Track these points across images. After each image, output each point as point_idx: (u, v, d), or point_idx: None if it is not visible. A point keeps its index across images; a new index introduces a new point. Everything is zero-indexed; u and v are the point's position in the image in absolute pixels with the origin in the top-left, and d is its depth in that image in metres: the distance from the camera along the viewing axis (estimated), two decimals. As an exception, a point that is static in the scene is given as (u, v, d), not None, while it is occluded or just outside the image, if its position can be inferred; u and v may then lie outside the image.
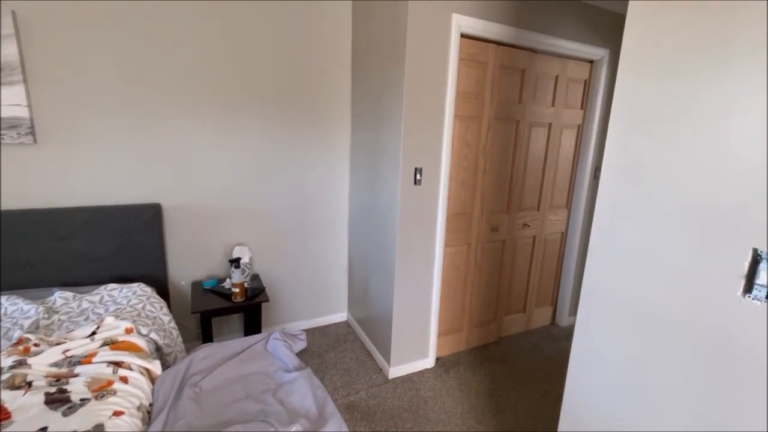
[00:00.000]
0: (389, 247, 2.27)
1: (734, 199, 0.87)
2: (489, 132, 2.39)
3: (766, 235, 0.82)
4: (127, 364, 1.43)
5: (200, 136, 2.31)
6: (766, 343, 0.83)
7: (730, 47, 0.87)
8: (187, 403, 1.35)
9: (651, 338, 1.06)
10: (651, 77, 1.04)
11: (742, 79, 0.85)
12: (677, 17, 0.97)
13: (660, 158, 1.02)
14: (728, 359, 0.89)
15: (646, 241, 1.06)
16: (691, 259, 0.95)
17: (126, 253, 2.15)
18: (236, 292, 2.21)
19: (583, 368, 1.29)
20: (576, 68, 2.66)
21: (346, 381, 2.32)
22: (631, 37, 1.08)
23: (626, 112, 1.10)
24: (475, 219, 2.48)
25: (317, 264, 2.87)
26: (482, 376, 2.43)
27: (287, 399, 1.41)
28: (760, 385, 0.84)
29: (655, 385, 1.06)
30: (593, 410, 1.26)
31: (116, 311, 1.76)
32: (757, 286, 0.83)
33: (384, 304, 2.39)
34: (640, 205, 1.08)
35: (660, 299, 1.03)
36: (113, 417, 1.19)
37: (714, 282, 0.91)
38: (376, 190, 2.40)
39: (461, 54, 2.16)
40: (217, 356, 1.61)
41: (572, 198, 2.94)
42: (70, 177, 2.04)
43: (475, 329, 2.71)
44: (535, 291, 2.97)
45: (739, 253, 0.86)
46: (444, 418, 2.06)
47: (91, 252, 2.07)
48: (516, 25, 2.24)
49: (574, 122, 2.78)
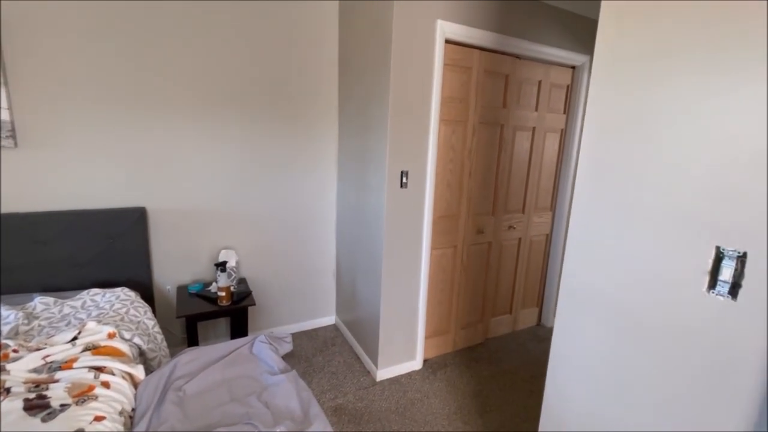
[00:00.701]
0: (376, 250, 2.29)
1: (698, 200, 0.91)
2: (474, 136, 2.43)
3: (728, 233, 0.86)
4: (109, 369, 1.41)
5: (186, 140, 2.30)
6: (728, 336, 0.87)
7: (693, 54, 0.91)
8: (171, 408, 1.34)
9: (625, 335, 1.10)
10: (619, 84, 1.08)
11: (704, 86, 0.90)
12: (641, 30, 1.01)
13: (628, 161, 1.06)
14: (695, 353, 0.93)
15: (618, 241, 1.10)
16: (660, 257, 0.99)
17: (109, 257, 2.12)
18: (222, 296, 2.19)
19: (562, 367, 1.32)
20: (559, 74, 2.72)
21: (333, 384, 2.32)
22: (601, 46, 1.13)
23: (597, 117, 1.15)
24: (461, 221, 2.52)
25: (305, 267, 2.86)
26: (469, 377, 2.45)
27: (272, 401, 1.41)
28: (725, 376, 0.88)
29: (629, 380, 1.09)
30: (572, 408, 1.29)
31: (99, 316, 1.74)
32: (721, 282, 0.87)
33: (371, 307, 2.40)
34: (611, 207, 1.11)
35: (632, 297, 1.07)
36: (94, 422, 1.17)
37: (681, 279, 0.95)
38: (363, 194, 2.42)
39: (446, 59, 2.20)
40: (202, 360, 1.60)
41: (556, 200, 3.00)
42: (52, 180, 2.02)
43: (462, 331, 2.74)
44: (521, 292, 3.01)
45: (703, 251, 0.90)
46: (431, 419, 2.07)
47: (74, 256, 2.04)
48: (499, 32, 2.29)
49: (558, 126, 2.84)
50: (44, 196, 2.01)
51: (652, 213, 1.01)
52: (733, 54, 0.84)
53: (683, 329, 0.95)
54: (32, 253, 1.95)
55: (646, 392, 1.05)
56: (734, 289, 0.85)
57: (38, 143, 1.96)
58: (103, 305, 1.84)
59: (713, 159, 0.88)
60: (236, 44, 2.34)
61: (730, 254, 0.86)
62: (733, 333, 0.86)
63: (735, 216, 0.85)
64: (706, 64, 0.89)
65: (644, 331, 1.05)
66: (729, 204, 0.86)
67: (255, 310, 2.72)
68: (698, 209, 0.91)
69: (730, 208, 0.85)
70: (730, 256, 0.85)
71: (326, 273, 2.97)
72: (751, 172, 0.82)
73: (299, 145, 2.66)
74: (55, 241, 1.99)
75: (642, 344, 1.05)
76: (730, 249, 0.86)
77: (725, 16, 0.85)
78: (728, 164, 0.86)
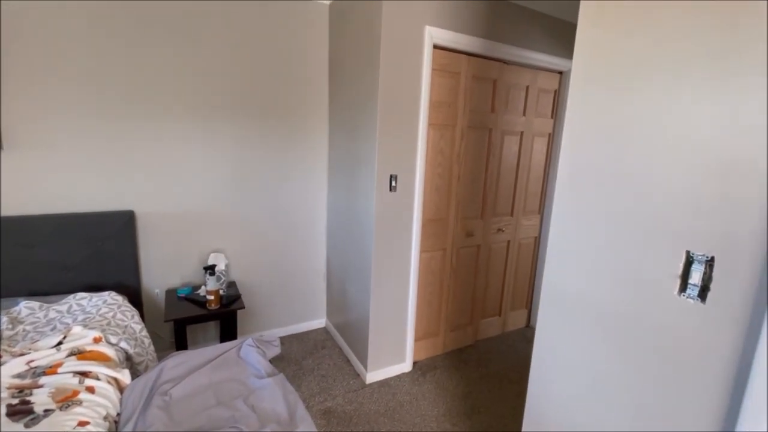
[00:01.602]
0: (366, 253, 2.30)
1: (667, 204, 0.94)
2: (463, 140, 2.46)
3: (698, 238, 0.89)
4: (94, 374, 1.41)
5: (176, 143, 2.30)
6: (697, 338, 0.90)
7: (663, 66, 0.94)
8: (156, 412, 1.34)
9: (602, 337, 1.12)
10: (595, 92, 1.11)
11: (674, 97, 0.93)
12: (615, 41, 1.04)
13: (604, 168, 1.09)
14: (668, 354, 0.96)
15: (595, 245, 1.13)
16: (635, 261, 1.02)
17: (97, 261, 2.11)
18: (211, 300, 2.19)
19: (544, 368, 1.34)
20: (546, 79, 2.77)
21: (323, 387, 2.32)
22: (578, 56, 1.16)
23: (575, 123, 1.18)
24: (450, 224, 2.54)
25: (295, 270, 2.87)
26: (458, 379, 2.47)
27: (259, 405, 1.42)
28: (695, 376, 0.90)
29: (606, 381, 1.12)
30: (554, 407, 1.31)
31: (85, 320, 1.73)
32: (691, 286, 0.90)
33: (361, 310, 2.41)
34: (589, 212, 1.14)
35: (609, 300, 1.10)
36: (78, 427, 1.17)
37: (655, 283, 0.98)
38: (353, 197, 2.43)
39: (434, 64, 2.22)
40: (189, 364, 1.60)
41: (544, 203, 3.04)
42: (38, 183, 2.00)
43: (452, 333, 2.76)
44: (510, 294, 3.04)
45: (675, 256, 0.93)
46: (419, 422, 2.09)
47: (60, 260, 2.03)
48: (487, 38, 2.32)
49: (545, 131, 2.88)
50: (31, 200, 2.00)
51: (627, 218, 1.04)
52: (701, 66, 0.87)
53: (656, 331, 0.98)
54: (18, 256, 1.93)
55: (621, 392, 1.08)
56: (703, 292, 0.88)
57: (25, 146, 1.95)
58: (90, 309, 1.83)
59: (684, 167, 0.91)
60: (226, 48, 2.35)
61: (699, 258, 0.88)
62: (701, 335, 0.89)
63: (704, 221, 0.88)
64: (676, 75, 0.92)
65: (620, 332, 1.07)
66: (699, 209, 0.89)
67: (245, 314, 2.72)
68: (670, 215, 0.94)
69: (700, 214, 0.88)
70: (700, 260, 0.88)
71: (317, 276, 2.97)
72: (719, 179, 0.85)
73: (290, 148, 2.67)
74: (42, 244, 1.98)
75: (617, 346, 1.08)
76: (700, 253, 0.88)
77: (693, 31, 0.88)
78: (698, 172, 0.89)
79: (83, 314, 1.80)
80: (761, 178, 0.78)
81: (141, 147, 2.21)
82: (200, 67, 2.30)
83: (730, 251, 0.83)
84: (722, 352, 0.85)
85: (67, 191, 2.07)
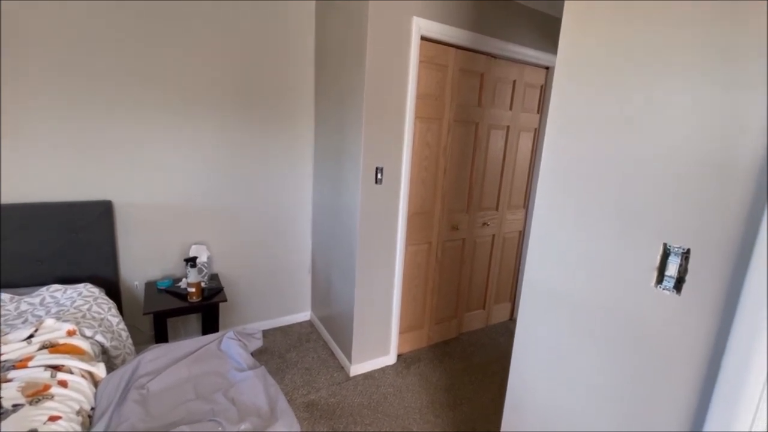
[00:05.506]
0: (351, 246, 2.29)
1: (646, 198, 0.95)
2: (449, 133, 2.45)
3: (675, 230, 0.90)
4: (67, 368, 1.36)
5: (156, 133, 2.23)
6: (672, 330, 0.91)
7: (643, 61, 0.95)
8: (132, 406, 1.30)
9: (580, 329, 1.14)
10: (577, 86, 1.11)
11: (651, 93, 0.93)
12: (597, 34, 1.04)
13: (584, 162, 1.10)
14: (643, 346, 0.98)
15: (575, 238, 1.14)
16: (612, 253, 1.03)
17: (72, 252, 2.04)
18: (192, 292, 2.15)
19: (524, 360, 1.36)
20: (533, 74, 2.78)
21: (306, 380, 2.31)
22: (562, 51, 1.16)
23: (556, 118, 1.18)
24: (435, 218, 2.54)
25: (280, 263, 2.84)
26: (442, 372, 2.49)
27: (239, 398, 1.39)
28: (669, 368, 0.92)
29: (583, 372, 1.14)
30: (533, 398, 1.33)
31: (58, 313, 1.68)
32: (667, 278, 0.91)
33: (346, 303, 2.40)
34: (569, 205, 1.15)
35: (587, 292, 1.11)
36: (48, 422, 1.13)
37: (632, 274, 0.99)
38: (339, 190, 2.41)
39: (422, 56, 2.21)
40: (168, 357, 1.56)
41: (529, 198, 3.07)
42: (9, 172, 1.92)
43: (436, 326, 2.78)
44: (494, 288, 3.07)
45: (652, 248, 0.94)
46: (403, 414, 2.10)
47: (33, 251, 1.96)
48: (475, 30, 2.31)
49: (531, 125, 2.90)
50: (2, 188, 1.91)
51: (606, 212, 1.05)
52: (680, 64, 0.88)
53: (633, 323, 1.00)
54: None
55: (599, 382, 1.09)
56: (679, 283, 0.89)
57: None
58: (64, 302, 1.78)
59: (662, 161, 0.92)
60: (211, 40, 2.28)
61: (675, 251, 0.90)
62: (676, 327, 0.91)
63: (680, 213, 0.89)
64: (655, 72, 0.93)
65: (596, 324, 1.09)
66: (676, 202, 0.90)
67: (228, 307, 2.68)
68: (647, 207, 0.95)
69: (677, 206, 0.90)
70: (676, 252, 0.90)
71: (302, 269, 2.95)
72: (696, 173, 0.86)
73: (275, 140, 2.62)
74: (14, 235, 1.90)
75: (594, 337, 1.10)
76: (676, 246, 0.90)
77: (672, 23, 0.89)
78: (675, 165, 0.90)
79: (57, 306, 1.74)
80: (736, 174, 0.80)
81: (119, 137, 2.14)
82: (184, 60, 2.23)
83: (705, 244, 0.85)
84: (696, 341, 0.87)
85: (40, 180, 1.99)
